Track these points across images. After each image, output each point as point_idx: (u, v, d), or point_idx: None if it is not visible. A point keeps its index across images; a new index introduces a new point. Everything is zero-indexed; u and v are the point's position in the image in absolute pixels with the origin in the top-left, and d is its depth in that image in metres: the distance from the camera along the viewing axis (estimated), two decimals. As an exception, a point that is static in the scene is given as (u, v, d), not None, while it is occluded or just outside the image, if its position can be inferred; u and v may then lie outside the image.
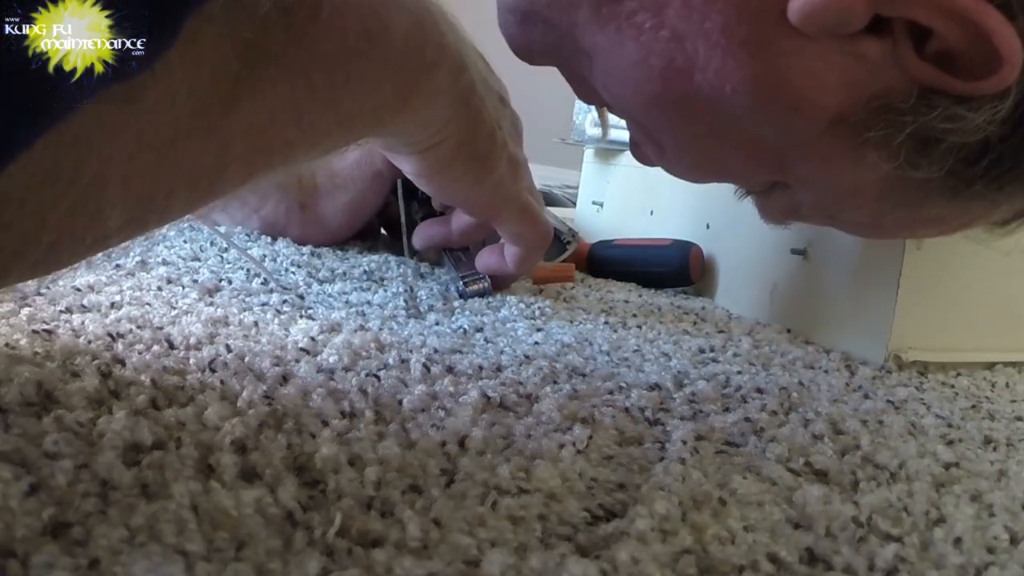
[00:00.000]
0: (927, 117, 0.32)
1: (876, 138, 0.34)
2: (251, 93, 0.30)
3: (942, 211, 0.38)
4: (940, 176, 0.34)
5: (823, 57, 0.32)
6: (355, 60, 0.34)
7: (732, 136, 0.37)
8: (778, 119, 0.35)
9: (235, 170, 0.32)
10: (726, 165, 0.41)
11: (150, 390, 0.30)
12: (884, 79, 0.32)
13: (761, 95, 0.34)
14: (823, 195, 0.40)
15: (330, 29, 0.33)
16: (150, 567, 0.20)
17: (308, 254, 0.64)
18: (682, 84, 0.35)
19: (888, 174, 0.35)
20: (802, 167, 0.38)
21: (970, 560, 0.28)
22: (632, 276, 0.77)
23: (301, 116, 0.33)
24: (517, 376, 0.39)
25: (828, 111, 0.34)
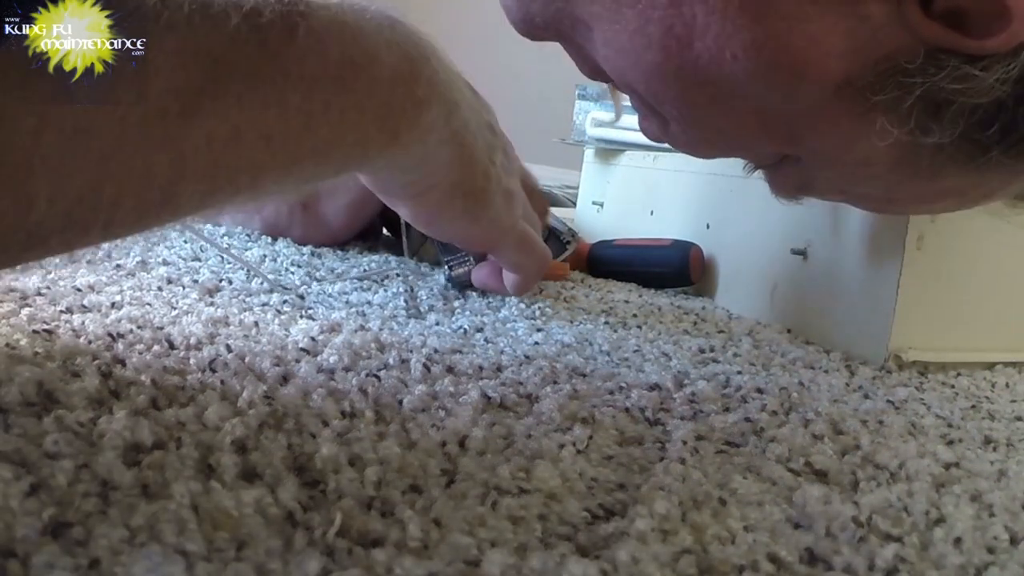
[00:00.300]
0: (936, 78, 0.31)
1: (885, 102, 0.33)
2: (214, 107, 0.29)
3: (958, 181, 0.37)
4: (953, 141, 0.33)
5: (825, 20, 0.32)
6: (335, 87, 0.33)
7: (736, 106, 0.37)
8: (783, 86, 0.34)
9: (192, 185, 0.31)
10: (732, 137, 0.40)
11: (150, 390, 0.30)
12: (890, 40, 0.32)
13: (763, 61, 0.33)
14: (835, 166, 0.39)
15: (307, 52, 0.32)
16: (150, 567, 0.20)
17: (309, 254, 0.64)
18: (681, 52, 0.35)
19: (899, 141, 0.34)
20: (811, 137, 0.37)
21: (970, 560, 0.28)
22: (632, 276, 0.77)
23: (271, 138, 0.32)
24: (517, 376, 0.39)
25: (834, 76, 0.33)
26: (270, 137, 0.32)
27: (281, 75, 0.31)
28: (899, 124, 0.34)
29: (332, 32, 0.33)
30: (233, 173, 0.32)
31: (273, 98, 0.31)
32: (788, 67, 0.33)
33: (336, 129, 0.34)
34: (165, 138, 0.29)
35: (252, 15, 0.30)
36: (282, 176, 0.34)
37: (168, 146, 0.29)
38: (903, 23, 0.31)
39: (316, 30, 0.32)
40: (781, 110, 0.36)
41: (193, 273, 0.51)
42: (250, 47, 0.30)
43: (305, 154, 0.34)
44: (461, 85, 0.44)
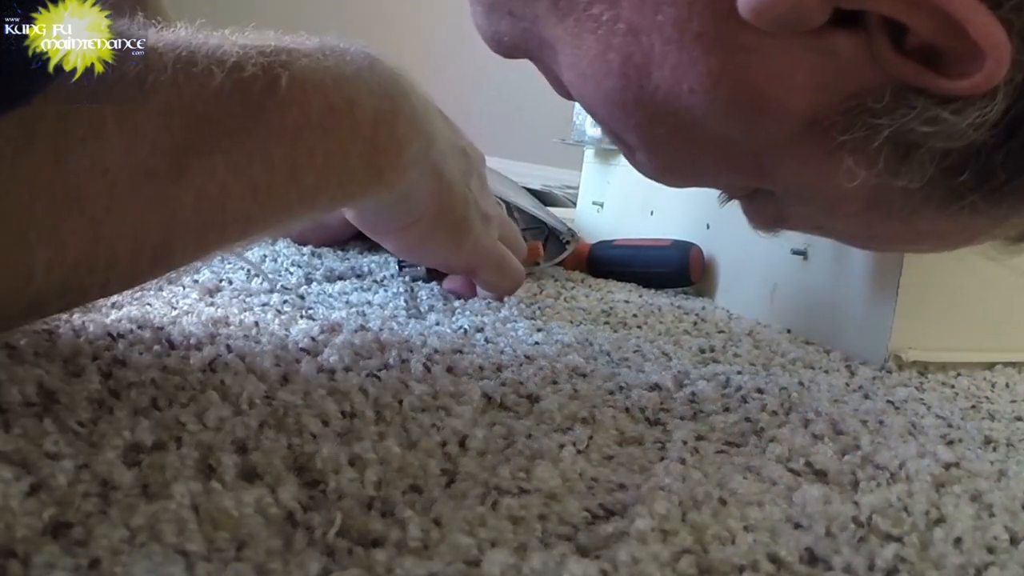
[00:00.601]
0: (904, 119, 0.29)
1: (852, 142, 0.31)
2: (201, 164, 0.30)
3: (937, 224, 0.34)
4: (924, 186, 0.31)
5: (787, 54, 0.30)
6: (318, 134, 0.34)
7: (699, 138, 0.35)
8: (744, 121, 0.32)
9: (184, 242, 0.31)
10: (697, 168, 0.38)
11: (151, 390, 0.30)
12: (858, 77, 0.30)
13: (721, 95, 0.32)
14: (807, 203, 0.37)
15: (290, 103, 0.32)
16: (151, 567, 0.20)
17: (308, 254, 0.64)
18: (640, 81, 0.33)
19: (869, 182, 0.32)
20: (780, 173, 0.35)
21: (970, 560, 0.28)
22: (632, 276, 0.77)
23: (258, 190, 0.32)
24: (518, 376, 0.39)
25: (798, 112, 0.31)
26: (257, 189, 0.32)
27: (265, 128, 0.32)
28: (867, 165, 0.31)
29: (313, 80, 0.33)
30: (223, 227, 0.32)
31: (258, 151, 0.32)
32: (748, 102, 0.31)
33: (321, 174, 0.35)
34: (154, 199, 0.29)
35: (235, 70, 0.30)
36: (270, 224, 0.35)
37: (158, 206, 0.29)
38: (872, 59, 0.29)
39: (298, 80, 0.33)
40: (746, 144, 0.34)
41: (193, 273, 0.51)
42: (234, 103, 0.31)
43: (292, 201, 0.35)
44: (436, 115, 0.44)
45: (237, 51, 0.31)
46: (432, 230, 0.47)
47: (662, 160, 0.38)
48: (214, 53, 0.30)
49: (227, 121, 0.31)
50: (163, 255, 0.31)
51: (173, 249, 0.31)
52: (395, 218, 0.46)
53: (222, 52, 0.30)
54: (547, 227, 0.76)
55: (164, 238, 0.30)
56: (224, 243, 0.34)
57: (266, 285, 0.51)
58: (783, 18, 0.28)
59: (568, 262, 0.77)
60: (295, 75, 0.32)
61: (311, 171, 0.34)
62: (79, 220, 0.27)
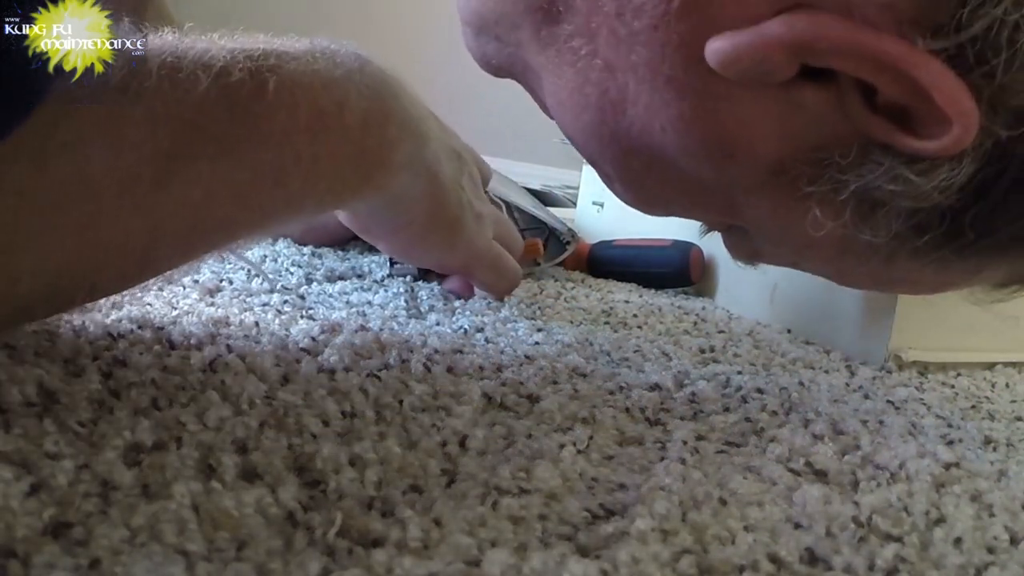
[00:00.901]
0: (870, 176, 0.29)
1: (819, 193, 0.30)
2: (186, 171, 0.30)
3: (910, 273, 0.34)
4: (892, 240, 0.31)
5: (757, 103, 0.29)
6: (305, 138, 0.34)
7: (672, 175, 0.34)
8: (714, 164, 0.32)
9: (169, 248, 0.31)
10: (671, 203, 0.38)
11: (151, 390, 0.30)
12: (828, 130, 0.29)
13: (692, 137, 0.31)
14: (780, 245, 0.37)
15: (278, 108, 0.32)
16: (151, 567, 0.20)
17: (309, 254, 0.64)
18: (616, 116, 0.33)
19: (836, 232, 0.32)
20: (750, 214, 0.35)
21: (970, 560, 0.28)
22: (632, 276, 0.77)
23: (244, 196, 0.32)
24: (518, 376, 0.39)
25: (766, 160, 0.31)
26: (243, 195, 0.32)
27: (252, 134, 0.32)
28: (833, 217, 0.31)
29: (302, 84, 0.33)
30: (208, 233, 0.32)
31: (245, 157, 0.32)
32: (718, 146, 0.31)
33: (309, 179, 0.35)
34: (139, 206, 0.29)
35: (222, 75, 0.30)
36: (256, 228, 0.35)
37: (143, 213, 0.29)
38: (841, 114, 0.28)
39: (286, 84, 0.32)
40: (717, 185, 0.34)
41: (193, 273, 0.51)
42: (220, 109, 0.30)
43: (278, 206, 0.34)
44: (427, 116, 0.44)
45: (224, 55, 0.31)
46: (425, 231, 0.47)
47: (637, 193, 0.38)
48: (201, 58, 0.30)
49: (213, 127, 0.30)
50: (148, 260, 0.31)
51: (158, 254, 0.31)
52: (387, 220, 0.46)
53: (209, 57, 0.30)
54: (547, 227, 0.76)
55: (149, 243, 0.30)
56: (210, 248, 0.34)
57: (266, 285, 0.51)
58: (750, 71, 0.28)
59: (568, 262, 0.77)
60: (283, 79, 0.32)
61: (298, 176, 0.34)
62: (63, 226, 0.27)
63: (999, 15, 0.24)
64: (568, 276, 0.76)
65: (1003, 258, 0.31)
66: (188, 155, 0.30)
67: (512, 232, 0.60)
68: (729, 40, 0.27)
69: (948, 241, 0.30)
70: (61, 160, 0.26)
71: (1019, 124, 0.26)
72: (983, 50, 0.25)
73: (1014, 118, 0.26)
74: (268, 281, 0.52)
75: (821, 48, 0.26)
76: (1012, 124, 0.26)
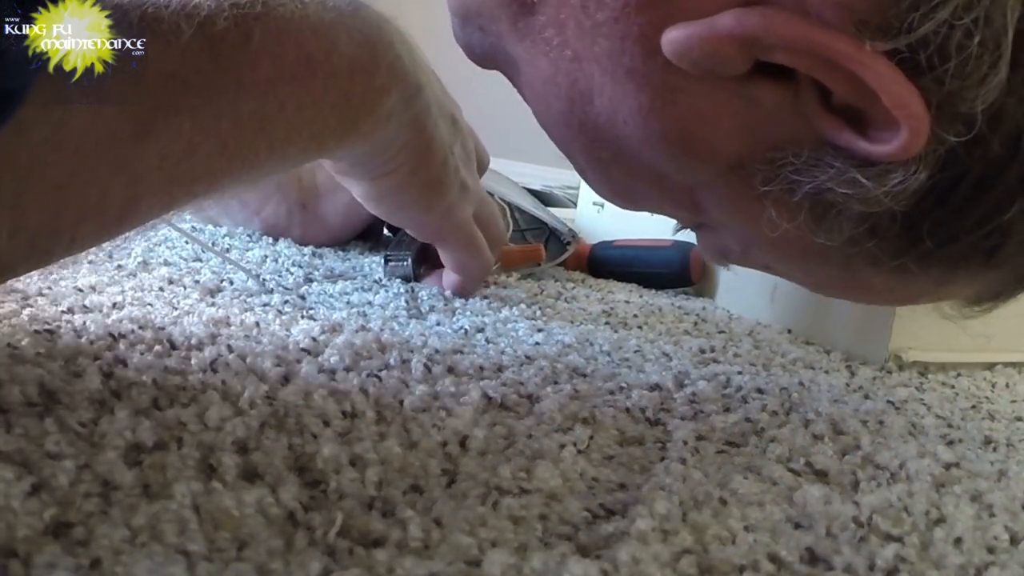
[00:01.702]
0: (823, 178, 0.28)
1: (775, 193, 0.30)
2: (167, 124, 0.29)
3: (875, 281, 0.33)
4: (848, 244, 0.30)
5: (713, 97, 0.29)
6: (290, 86, 0.33)
7: (638, 167, 0.34)
8: (674, 158, 0.32)
9: (150, 201, 0.31)
10: (640, 196, 0.38)
11: (152, 390, 0.30)
12: (783, 129, 0.29)
13: (652, 130, 0.31)
14: (745, 244, 0.36)
15: (262, 56, 0.32)
16: (152, 567, 0.20)
17: (310, 255, 0.64)
18: (584, 106, 0.33)
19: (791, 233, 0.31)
20: (713, 211, 0.35)
21: (970, 560, 0.28)
22: (633, 277, 0.77)
23: (226, 145, 0.32)
24: (518, 376, 0.39)
25: (723, 156, 0.31)
26: (225, 145, 0.32)
27: (235, 83, 0.31)
28: (788, 218, 0.30)
29: (289, 30, 0.33)
30: (189, 184, 0.32)
31: (227, 107, 0.31)
32: (677, 140, 0.31)
33: (293, 126, 0.34)
34: (119, 161, 0.29)
35: (206, 24, 0.30)
36: (240, 178, 0.34)
37: (122, 169, 0.29)
38: (798, 113, 0.28)
39: (272, 31, 0.32)
40: (680, 179, 0.34)
41: (194, 274, 0.51)
42: (203, 60, 0.30)
43: (261, 154, 0.34)
44: (424, 70, 0.43)
45: (209, 3, 0.30)
46: (404, 185, 0.46)
47: (607, 184, 0.38)
48: (184, 7, 0.29)
49: (195, 78, 0.30)
50: (128, 213, 0.31)
51: (138, 207, 0.31)
52: (369, 167, 0.45)
53: (193, 6, 0.29)
54: (548, 227, 0.76)
55: (129, 197, 0.30)
56: (192, 198, 0.33)
57: (267, 286, 0.51)
58: (702, 63, 0.27)
59: (569, 262, 0.77)
60: (269, 27, 0.32)
61: (282, 124, 0.34)
62: (42, 187, 0.27)
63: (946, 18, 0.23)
64: (568, 276, 0.76)
65: (967, 270, 0.31)
66: (169, 108, 0.29)
67: (494, 217, 0.58)
68: (682, 31, 0.27)
69: (907, 248, 0.29)
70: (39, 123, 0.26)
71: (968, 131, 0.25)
72: (934, 55, 0.24)
73: (964, 125, 0.25)
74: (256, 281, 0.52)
75: (769, 43, 0.26)
76: (961, 131, 0.25)
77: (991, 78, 0.24)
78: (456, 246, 0.54)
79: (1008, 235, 0.28)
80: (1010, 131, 0.25)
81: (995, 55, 0.23)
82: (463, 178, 0.50)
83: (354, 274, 0.60)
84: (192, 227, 0.66)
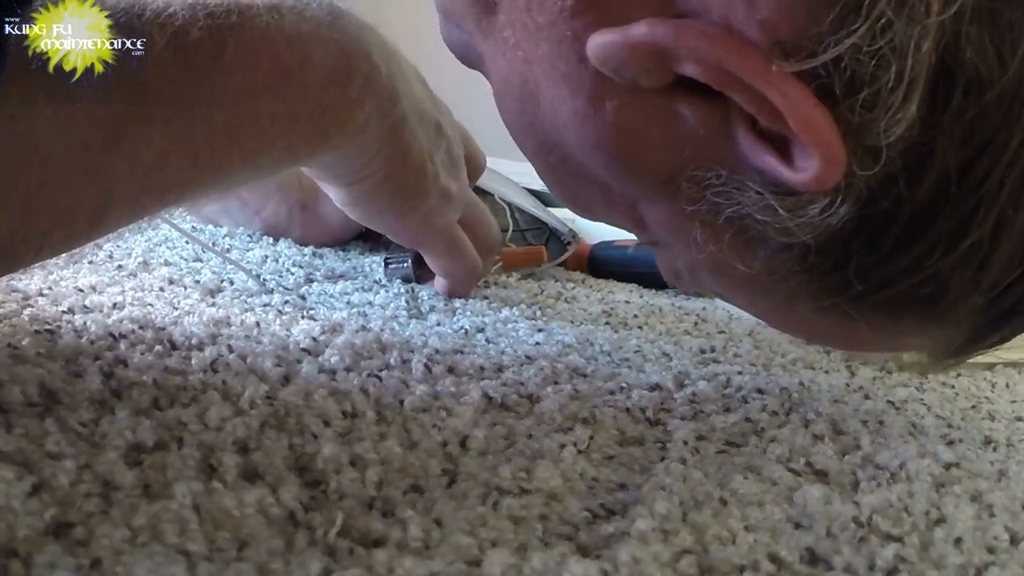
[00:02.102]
0: (740, 203, 0.27)
1: (700, 214, 0.29)
2: (138, 134, 0.29)
3: (815, 318, 0.31)
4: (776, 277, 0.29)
5: (639, 108, 0.28)
6: (264, 98, 0.33)
7: (583, 175, 0.33)
8: (609, 167, 0.31)
9: (120, 210, 0.31)
10: (590, 205, 0.36)
11: (152, 390, 0.30)
12: (709, 147, 0.27)
13: (586, 137, 0.30)
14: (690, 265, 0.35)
15: (236, 66, 0.32)
16: (152, 567, 0.20)
17: (310, 255, 0.64)
18: (532, 108, 0.32)
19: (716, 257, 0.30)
20: (654, 227, 0.34)
21: (970, 560, 0.28)
22: (633, 277, 0.77)
23: (199, 156, 0.32)
24: (518, 376, 0.39)
25: (654, 170, 0.30)
26: (198, 155, 0.32)
27: (208, 94, 0.31)
28: (714, 240, 0.29)
29: (264, 41, 0.33)
30: (160, 193, 0.32)
31: (200, 117, 0.31)
32: (608, 149, 0.30)
33: (266, 137, 0.34)
34: (89, 171, 0.29)
35: (179, 34, 0.30)
36: (211, 187, 0.34)
37: (92, 178, 0.29)
38: (722, 132, 0.27)
39: (246, 42, 0.32)
40: (621, 191, 0.33)
41: (195, 274, 0.51)
42: (175, 70, 0.30)
43: (234, 164, 0.34)
44: (411, 79, 0.43)
45: (184, 14, 0.30)
46: (377, 192, 0.46)
47: (560, 190, 0.37)
48: (158, 17, 0.29)
49: (167, 89, 0.30)
50: (98, 221, 0.31)
51: (108, 215, 0.31)
52: (341, 173, 0.45)
53: (167, 15, 0.29)
54: (548, 228, 0.76)
55: (99, 205, 0.30)
56: (163, 206, 0.33)
57: (268, 286, 0.51)
58: (622, 72, 0.27)
59: (569, 263, 0.77)
60: (243, 40, 0.32)
61: (255, 134, 0.34)
62: (11, 195, 0.27)
63: (856, 42, 0.22)
64: (569, 276, 0.76)
65: (909, 320, 0.29)
66: (141, 118, 0.29)
67: (485, 223, 0.58)
68: (602, 37, 0.26)
69: (839, 289, 0.28)
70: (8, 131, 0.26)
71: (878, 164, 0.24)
72: (848, 82, 0.23)
73: (875, 161, 0.24)
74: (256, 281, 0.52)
75: (679, 55, 0.25)
76: (872, 167, 0.24)
77: (901, 110, 0.22)
78: (437, 251, 0.54)
79: (946, 285, 0.26)
80: (941, 172, 0.24)
81: (908, 87, 0.22)
82: (444, 185, 0.50)
83: (355, 274, 0.60)
84: (192, 227, 0.66)
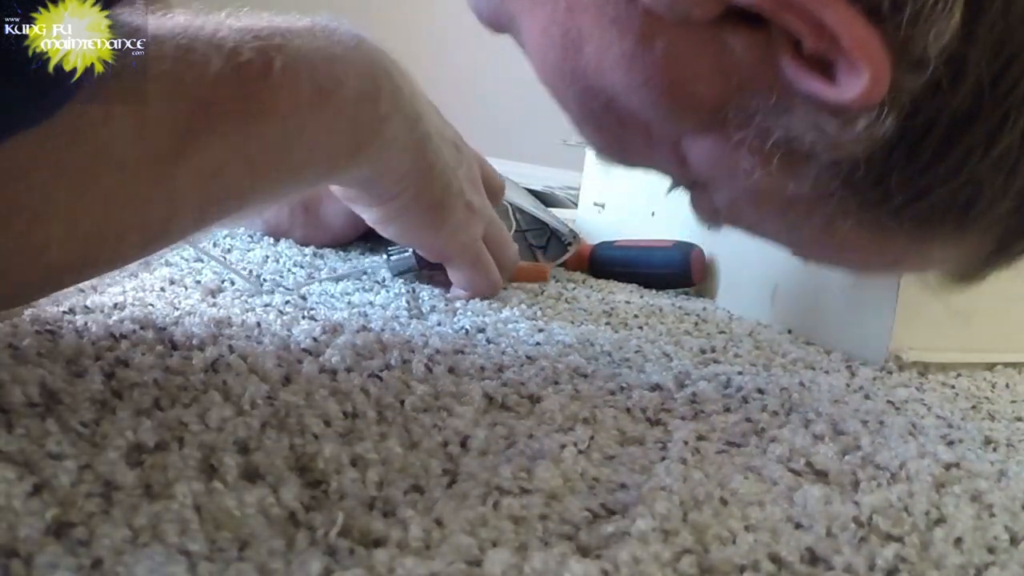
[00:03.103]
0: (793, 124, 0.29)
1: (748, 140, 0.31)
2: (200, 145, 0.33)
3: (854, 235, 0.33)
4: (822, 194, 0.31)
5: (690, 42, 0.30)
6: (307, 112, 0.37)
7: (626, 117, 0.35)
8: (657, 104, 0.33)
9: (186, 217, 0.34)
10: (630, 149, 0.38)
11: (153, 391, 0.30)
12: (757, 75, 0.29)
13: (635, 77, 0.32)
14: (730, 198, 0.36)
15: (283, 84, 0.35)
16: (153, 567, 0.20)
17: (311, 255, 0.64)
18: (576, 55, 0.34)
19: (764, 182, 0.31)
20: (697, 162, 0.35)
21: (970, 560, 0.28)
22: (634, 277, 0.77)
23: (253, 166, 0.35)
24: (519, 376, 0.39)
25: (701, 101, 0.31)
26: (252, 166, 0.35)
27: (259, 109, 0.35)
28: (762, 165, 0.31)
29: (304, 62, 0.36)
30: (222, 202, 0.36)
31: (253, 131, 0.35)
32: (659, 86, 0.31)
33: (310, 150, 0.38)
34: (159, 178, 0.32)
35: (233, 55, 0.33)
36: (265, 197, 0.38)
37: (163, 184, 0.32)
38: (769, 59, 0.29)
39: (290, 63, 0.35)
40: (665, 129, 0.34)
41: (195, 274, 0.51)
42: (231, 87, 0.33)
43: (284, 175, 0.38)
44: (422, 100, 0.47)
45: (234, 36, 0.33)
46: (409, 208, 0.49)
47: (599, 136, 0.39)
48: (212, 39, 0.32)
49: (225, 104, 0.33)
50: (168, 229, 0.34)
51: (176, 223, 0.34)
52: (375, 192, 0.49)
53: (220, 37, 0.33)
54: (549, 228, 0.76)
55: (169, 212, 0.33)
56: (224, 215, 0.36)
57: (267, 286, 0.51)
58: (675, 7, 0.28)
59: (570, 263, 0.77)
60: (288, 60, 0.35)
61: (300, 148, 0.37)
62: (91, 197, 0.30)
63: None
64: (569, 277, 0.76)
65: (943, 229, 0.31)
66: (202, 131, 0.32)
67: (504, 238, 0.60)
68: None
69: (880, 201, 0.30)
70: (91, 137, 0.29)
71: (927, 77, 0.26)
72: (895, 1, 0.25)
73: (922, 72, 0.26)
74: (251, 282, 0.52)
75: None
76: (920, 77, 0.26)
77: (943, 21, 0.25)
78: (463, 264, 0.56)
79: (980, 190, 0.28)
80: (975, 82, 0.26)
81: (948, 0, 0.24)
82: (469, 200, 0.53)
83: (356, 274, 0.60)
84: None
